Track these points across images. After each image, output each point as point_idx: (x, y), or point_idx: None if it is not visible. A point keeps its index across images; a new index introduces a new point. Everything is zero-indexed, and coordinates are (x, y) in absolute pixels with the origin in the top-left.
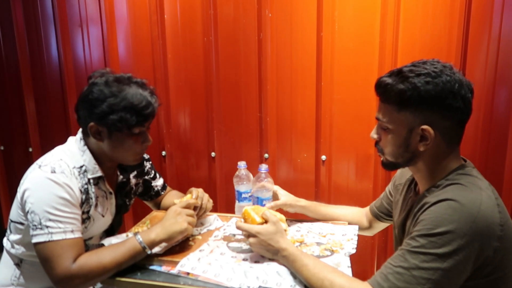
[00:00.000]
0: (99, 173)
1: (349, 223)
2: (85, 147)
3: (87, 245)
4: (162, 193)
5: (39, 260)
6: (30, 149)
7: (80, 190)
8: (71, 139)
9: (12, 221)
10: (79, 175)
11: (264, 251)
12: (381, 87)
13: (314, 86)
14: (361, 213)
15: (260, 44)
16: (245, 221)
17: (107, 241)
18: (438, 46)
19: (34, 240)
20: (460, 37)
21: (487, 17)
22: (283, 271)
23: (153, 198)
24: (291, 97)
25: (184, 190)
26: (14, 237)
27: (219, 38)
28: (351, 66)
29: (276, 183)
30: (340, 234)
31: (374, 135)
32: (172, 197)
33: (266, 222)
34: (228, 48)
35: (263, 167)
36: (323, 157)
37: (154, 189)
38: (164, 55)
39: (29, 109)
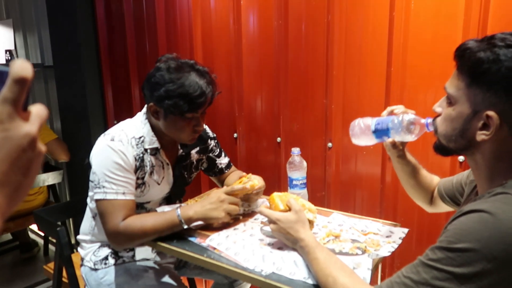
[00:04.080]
0: (156, 145)
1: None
2: (146, 121)
3: (146, 208)
4: (226, 171)
5: (98, 215)
6: None
7: (135, 158)
8: (139, 113)
9: (89, 180)
10: (136, 144)
11: (284, 239)
12: (459, 50)
13: (385, 71)
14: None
15: (328, 27)
16: (270, 206)
17: (160, 209)
18: None
19: (95, 197)
20: None
21: None
22: (300, 261)
23: (217, 174)
24: (359, 84)
25: (252, 172)
26: (90, 193)
27: (289, 21)
28: (426, 49)
29: (338, 175)
30: (385, 235)
31: (437, 108)
32: (235, 176)
33: (290, 209)
34: (297, 32)
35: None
36: None
37: (218, 166)
38: (238, 40)
39: (135, 95)
